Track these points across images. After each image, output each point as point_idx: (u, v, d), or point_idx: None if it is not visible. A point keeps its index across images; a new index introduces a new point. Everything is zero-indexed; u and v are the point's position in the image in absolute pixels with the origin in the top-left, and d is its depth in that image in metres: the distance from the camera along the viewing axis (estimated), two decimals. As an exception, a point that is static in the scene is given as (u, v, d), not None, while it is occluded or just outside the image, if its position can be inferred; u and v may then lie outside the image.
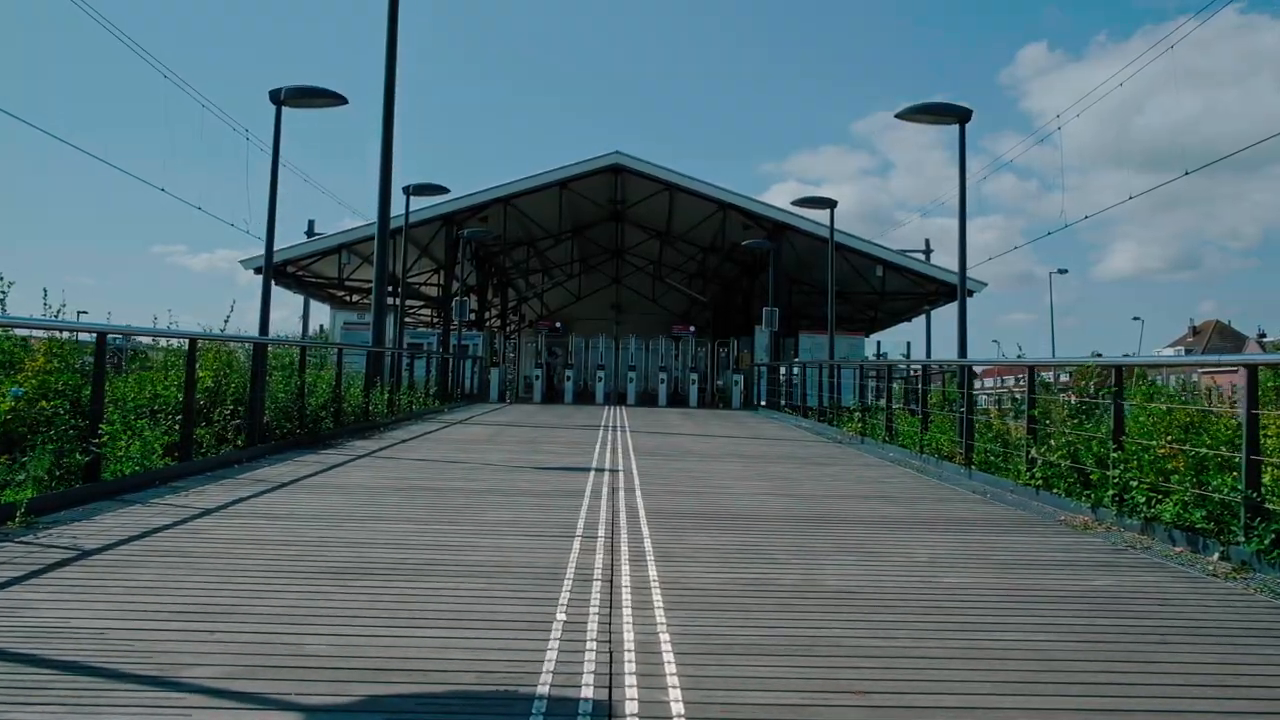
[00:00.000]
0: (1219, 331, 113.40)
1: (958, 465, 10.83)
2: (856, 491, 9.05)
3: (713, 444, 13.96)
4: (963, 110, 11.79)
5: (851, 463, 11.81)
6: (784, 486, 9.21)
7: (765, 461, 11.60)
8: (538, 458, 11.15)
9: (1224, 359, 9.31)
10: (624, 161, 28.45)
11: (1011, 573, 5.46)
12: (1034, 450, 8.92)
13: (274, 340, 11.78)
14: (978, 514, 7.81)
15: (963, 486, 9.64)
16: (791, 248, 29.70)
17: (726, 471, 10.36)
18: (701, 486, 9.03)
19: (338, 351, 13.78)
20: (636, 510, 7.39)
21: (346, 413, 13.96)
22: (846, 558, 5.76)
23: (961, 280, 11.86)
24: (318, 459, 10.35)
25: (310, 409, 12.48)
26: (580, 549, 5.77)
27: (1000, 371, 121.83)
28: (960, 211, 11.65)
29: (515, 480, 9.05)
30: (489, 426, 16.37)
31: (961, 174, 11.72)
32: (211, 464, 9.16)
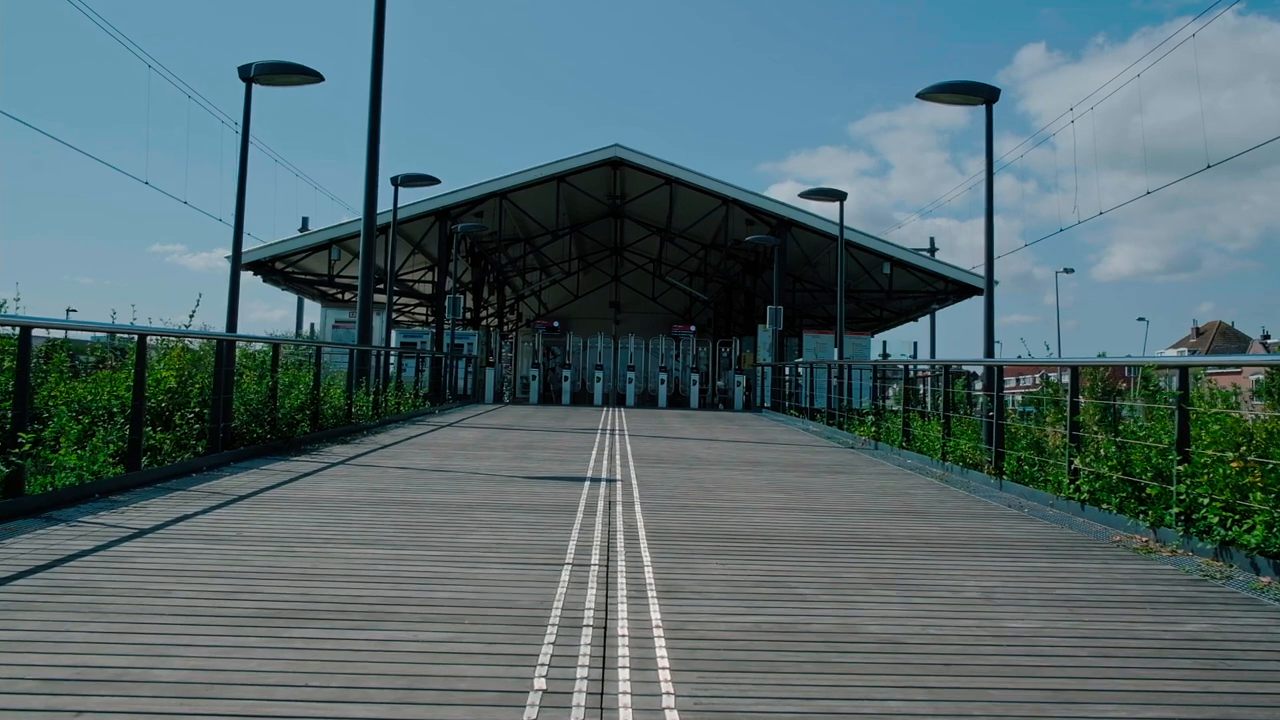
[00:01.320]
0: (1222, 333, 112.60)
1: (986, 475, 9.93)
2: (881, 505, 8.15)
3: (717, 449, 13.07)
4: (989, 89, 10.91)
5: (868, 471, 10.92)
6: (800, 499, 8.32)
7: (776, 469, 10.71)
8: (529, 465, 10.26)
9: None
10: (623, 154, 27.55)
11: (1085, 613, 4.56)
12: (1077, 460, 8.03)
13: (240, 337, 10.86)
14: (1020, 533, 6.91)
15: (994, 499, 8.75)
16: (796, 244, 28.81)
17: (734, 481, 9.47)
18: (708, 499, 8.14)
19: (315, 351, 12.88)
20: (636, 529, 6.50)
21: (326, 415, 13.07)
22: (885, 593, 4.87)
23: (989, 271, 10.97)
24: (287, 467, 9.46)
25: (285, 411, 11.58)
26: (570, 580, 4.89)
27: (1014, 371, 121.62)
28: (987, 199, 10.77)
29: (503, 492, 8.15)
30: (480, 430, 15.48)
31: (989, 158, 10.84)
32: (166, 473, 8.27)
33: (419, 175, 19.48)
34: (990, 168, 10.79)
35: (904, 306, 32.59)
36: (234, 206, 11.96)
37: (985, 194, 10.75)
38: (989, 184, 10.76)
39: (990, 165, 10.80)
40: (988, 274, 11.03)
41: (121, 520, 6.17)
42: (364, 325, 16.50)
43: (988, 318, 10.94)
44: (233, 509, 6.85)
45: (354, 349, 14.81)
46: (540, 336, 33.13)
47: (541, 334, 33.36)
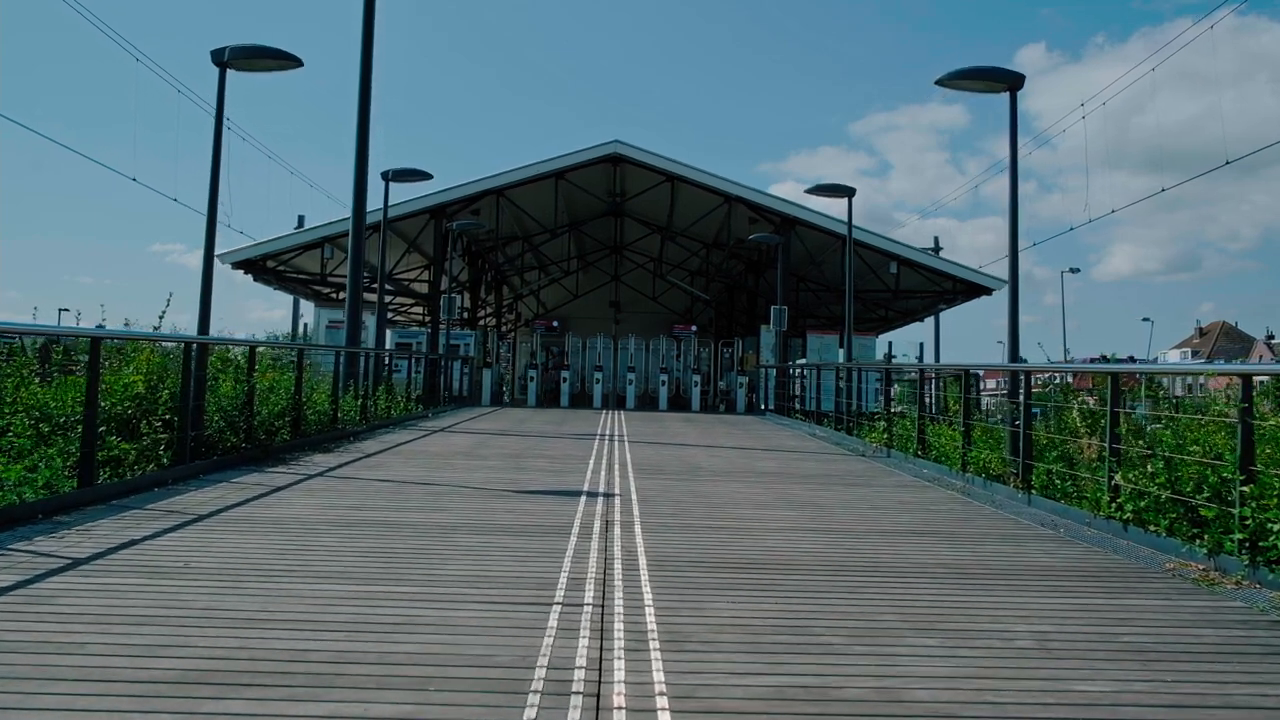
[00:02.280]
0: (1225, 333, 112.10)
1: (1012, 488, 9.25)
2: (903, 524, 7.47)
3: (722, 458, 12.38)
4: (1012, 74, 10.22)
5: (884, 482, 10.24)
6: (815, 517, 7.64)
7: (786, 481, 10.03)
8: (522, 478, 9.57)
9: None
10: (623, 150, 26.87)
11: (1161, 668, 3.88)
12: (1118, 475, 7.34)
13: (211, 340, 10.17)
14: (1062, 560, 6.23)
15: (1024, 516, 8.06)
16: (800, 243, 28.13)
17: (743, 496, 8.79)
18: (715, 517, 7.46)
19: (297, 353, 12.19)
20: (636, 555, 5.83)
21: (309, 421, 12.39)
22: (926, 642, 4.18)
23: (1013, 269, 10.26)
24: (260, 480, 8.78)
25: (263, 418, 10.91)
26: (559, 626, 4.21)
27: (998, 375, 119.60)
28: (1011, 193, 10.06)
29: (490, 510, 7.47)
30: (473, 436, 14.80)
31: (1013, 148, 10.14)
32: (124, 488, 7.58)
33: (411, 170, 18.80)
34: (1014, 158, 10.11)
35: (910, 306, 31.91)
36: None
37: (1009, 187, 10.05)
38: (1013, 176, 10.07)
39: (1014, 156, 10.11)
40: (1011, 272, 10.33)
41: (57, 547, 5.48)
42: (353, 326, 15.83)
43: (1011, 318, 10.25)
44: (188, 532, 6.16)
45: (340, 351, 14.12)
46: (539, 336, 32.45)
47: (540, 334, 32.68)
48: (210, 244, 9.98)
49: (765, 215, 27.84)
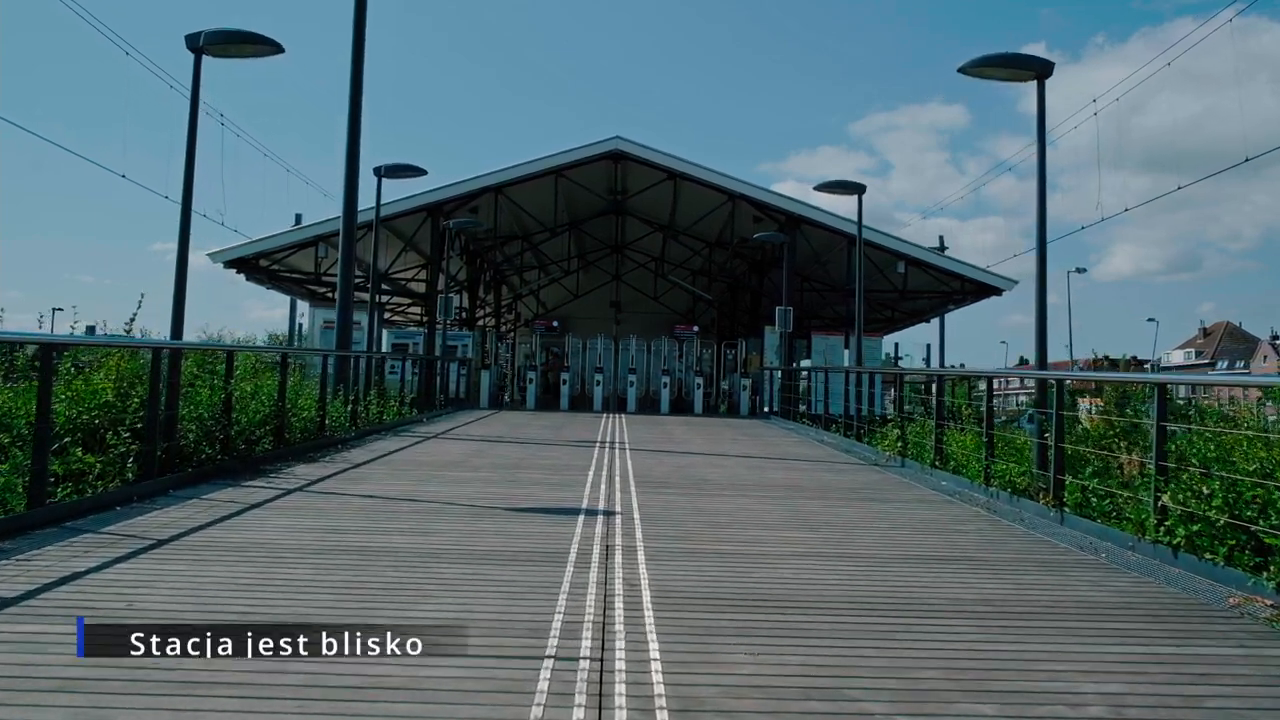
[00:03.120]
0: (1230, 333, 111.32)
1: (1042, 505, 8.63)
2: (929, 547, 6.84)
3: (728, 468, 11.76)
4: (1041, 62, 9.59)
5: (902, 497, 9.62)
6: (831, 539, 7.02)
7: (799, 495, 9.41)
8: (516, 492, 8.95)
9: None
10: (624, 147, 26.23)
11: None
12: (1166, 496, 6.72)
13: (184, 345, 9.54)
14: (1112, 594, 5.61)
15: (1059, 538, 7.44)
16: (805, 242, 27.51)
17: (750, 513, 8.17)
18: (725, 540, 6.84)
19: (280, 359, 11.56)
20: (639, 590, 5.21)
21: (294, 429, 11.77)
22: (980, 709, 3.56)
23: (1041, 265, 9.61)
24: (233, 496, 8.15)
25: (243, 426, 10.29)
26: (550, 690, 3.59)
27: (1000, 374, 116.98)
28: (1040, 186, 9.42)
29: (479, 532, 6.85)
30: (468, 443, 14.17)
31: (1041, 137, 9.49)
32: (81, 507, 6.97)
33: (404, 166, 18.17)
34: (1043, 152, 9.47)
35: (918, 307, 31.27)
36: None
37: (1038, 183, 9.42)
38: (1041, 171, 9.43)
39: (1043, 149, 9.47)
40: (1040, 273, 9.68)
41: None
42: (343, 328, 15.22)
43: (1040, 321, 9.61)
44: (140, 562, 5.54)
45: (327, 355, 13.49)
46: (539, 337, 31.82)
47: (540, 334, 32.05)
48: (184, 240, 9.38)
49: (770, 213, 27.21)
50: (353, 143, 15.11)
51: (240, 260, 26.71)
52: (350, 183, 15.22)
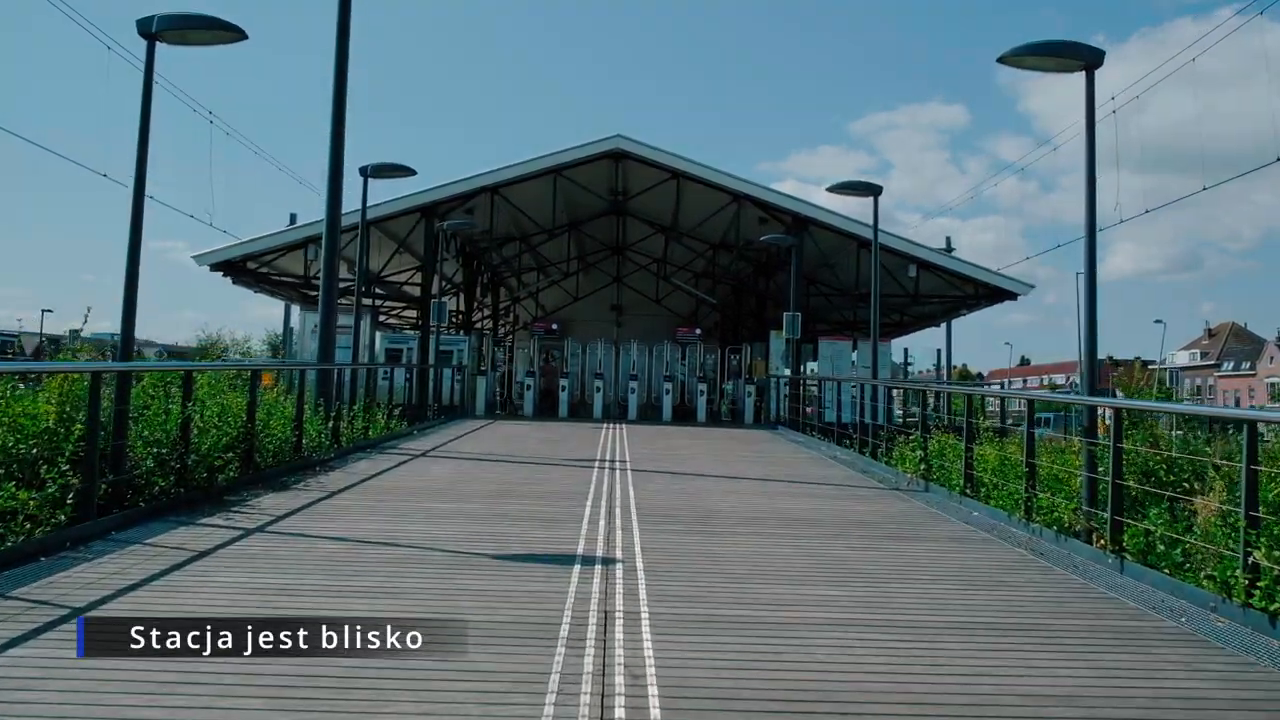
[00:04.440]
0: (1235, 334, 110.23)
1: (1096, 549, 7.67)
2: (983, 610, 5.87)
3: (740, 495, 10.78)
4: (1090, 50, 8.62)
5: (936, 534, 8.65)
6: (871, 600, 6.05)
7: (821, 533, 8.43)
8: (505, 531, 7.98)
9: None
10: (626, 146, 25.26)
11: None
12: (1258, 552, 5.75)
13: (129, 367, 8.56)
14: (1218, 683, 4.65)
15: (1125, 594, 6.47)
16: (813, 243, 26.51)
17: (774, 560, 7.20)
18: (744, 601, 5.87)
19: (252, 376, 10.57)
20: (644, 683, 4.25)
21: (265, 451, 10.80)
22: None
23: (1090, 264, 8.62)
24: (184, 539, 7.19)
25: (207, 451, 9.32)
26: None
27: (1019, 372, 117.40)
28: (1089, 184, 8.42)
29: (458, 592, 5.88)
30: (457, 463, 13.20)
31: (1090, 128, 8.50)
32: None
33: (392, 165, 17.19)
34: (1091, 141, 8.47)
35: (929, 311, 30.28)
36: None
37: (1086, 180, 8.45)
38: (1090, 166, 8.45)
39: (1091, 139, 8.47)
40: (1089, 270, 8.67)
41: None
42: (326, 338, 14.26)
43: (1089, 334, 8.63)
44: (33, 649, 4.58)
45: (305, 370, 12.51)
46: (538, 341, 30.84)
47: (539, 338, 31.05)
48: (136, 239, 8.42)
49: (776, 215, 26.24)
50: (336, 141, 14.15)
51: (226, 263, 25.74)
52: (334, 183, 14.27)
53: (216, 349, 70.31)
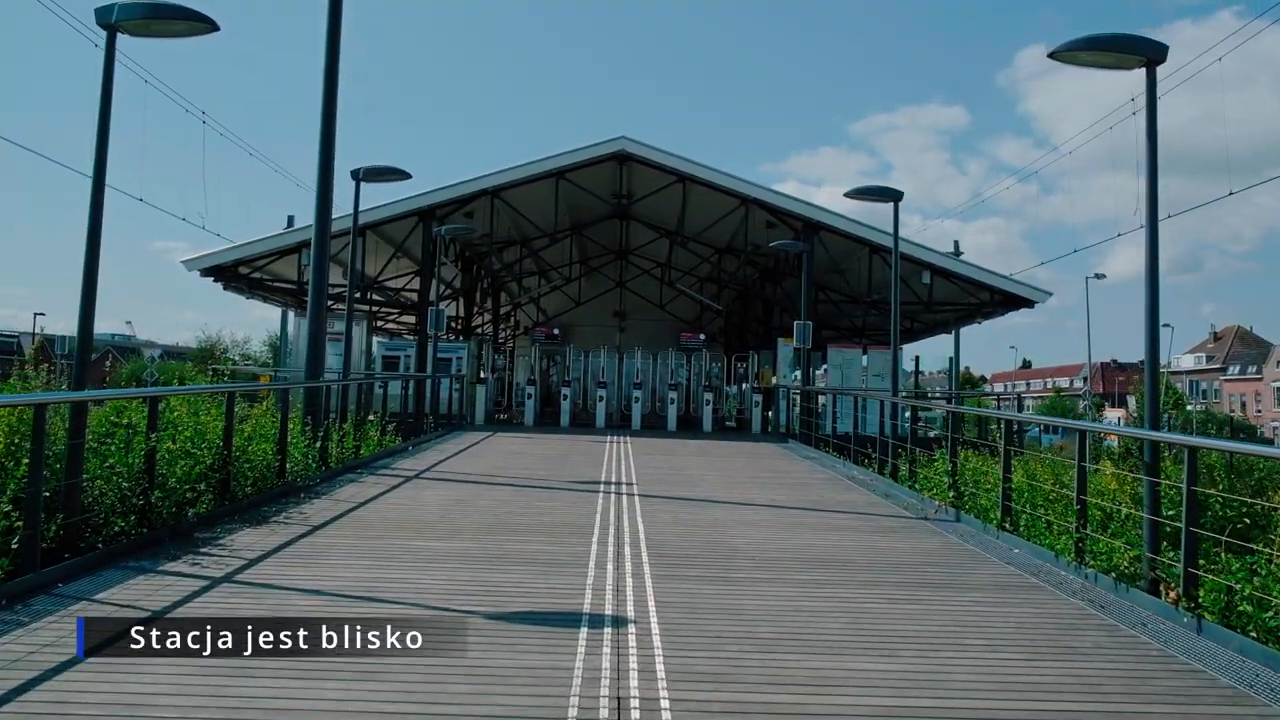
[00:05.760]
0: (1240, 337, 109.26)
1: (1164, 603, 6.84)
2: (1055, 690, 5.03)
3: (759, 527, 9.94)
4: (1152, 44, 7.78)
5: (979, 580, 7.80)
6: (924, 677, 5.20)
7: (853, 580, 7.58)
8: (500, 579, 7.15)
9: None
10: (630, 148, 24.45)
11: None
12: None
13: (75, 397, 7.69)
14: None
15: (1214, 666, 5.64)
16: (823, 248, 25.69)
17: (805, 620, 6.37)
18: (779, 678, 5.04)
19: (228, 398, 9.73)
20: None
21: (244, 478, 9.98)
22: None
23: (1152, 267, 7.77)
24: (136, 594, 6.36)
25: (176, 483, 8.49)
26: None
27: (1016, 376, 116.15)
28: (1150, 189, 7.57)
29: (441, 675, 5.04)
30: (453, 487, 12.36)
31: (1151, 125, 7.66)
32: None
33: (385, 168, 16.35)
34: (1153, 139, 7.64)
35: (941, 318, 29.44)
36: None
37: (1147, 182, 7.61)
38: (1152, 164, 7.61)
39: (1153, 136, 7.64)
40: (1150, 274, 7.82)
41: None
42: (314, 354, 13.42)
43: (1151, 365, 7.80)
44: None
45: (289, 390, 11.68)
46: (539, 348, 30.01)
47: (540, 344, 30.21)
48: (92, 260, 7.59)
49: (785, 219, 25.41)
50: (326, 143, 13.34)
51: (217, 268, 24.93)
52: (323, 191, 13.45)
53: (217, 350, 69.43)
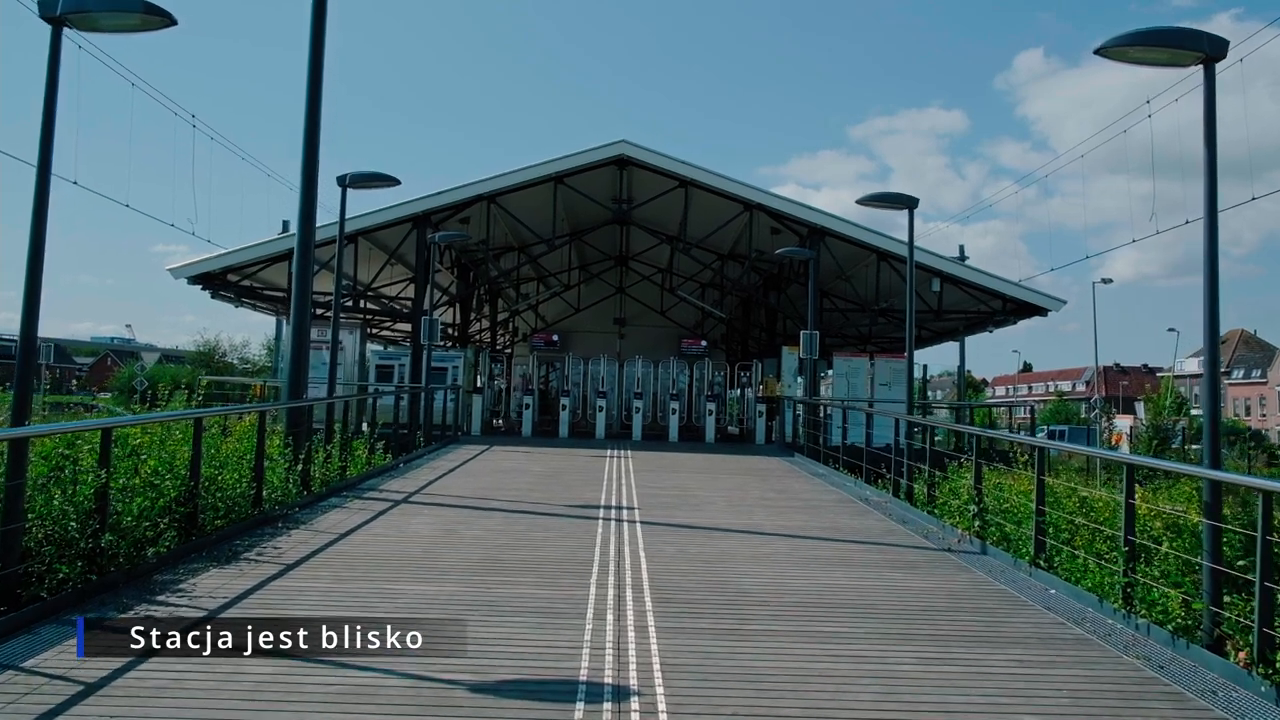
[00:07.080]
0: (1244, 341, 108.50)
1: (1232, 666, 6.09)
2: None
3: (773, 562, 9.18)
4: (1213, 40, 7.06)
5: (1017, 629, 7.06)
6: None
7: (879, 634, 6.84)
8: (486, 637, 6.41)
9: None
10: (631, 152, 23.75)
11: None
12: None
13: (12, 434, 6.94)
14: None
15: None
16: (829, 254, 24.95)
17: (833, 688, 5.63)
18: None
19: (194, 424, 8.98)
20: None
21: (213, 510, 9.23)
22: None
23: (1211, 274, 7.03)
24: (72, 663, 5.62)
25: (135, 521, 7.75)
26: None
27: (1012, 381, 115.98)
28: (1208, 190, 6.81)
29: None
30: (443, 512, 11.60)
31: (1209, 127, 6.91)
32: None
33: (373, 174, 15.59)
34: (1212, 139, 6.90)
35: (950, 326, 28.71)
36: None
37: (1206, 187, 6.87)
38: (1211, 165, 6.86)
39: (1212, 137, 6.91)
40: (1210, 302, 7.09)
41: None
42: (297, 369, 12.68)
43: (1210, 371, 7.08)
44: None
45: (265, 413, 10.92)
46: (536, 356, 29.25)
47: (539, 350, 29.45)
48: (34, 270, 6.86)
49: (790, 225, 24.70)
50: (310, 148, 12.62)
51: (205, 275, 24.21)
52: (308, 192, 12.75)
53: (215, 354, 68.65)
